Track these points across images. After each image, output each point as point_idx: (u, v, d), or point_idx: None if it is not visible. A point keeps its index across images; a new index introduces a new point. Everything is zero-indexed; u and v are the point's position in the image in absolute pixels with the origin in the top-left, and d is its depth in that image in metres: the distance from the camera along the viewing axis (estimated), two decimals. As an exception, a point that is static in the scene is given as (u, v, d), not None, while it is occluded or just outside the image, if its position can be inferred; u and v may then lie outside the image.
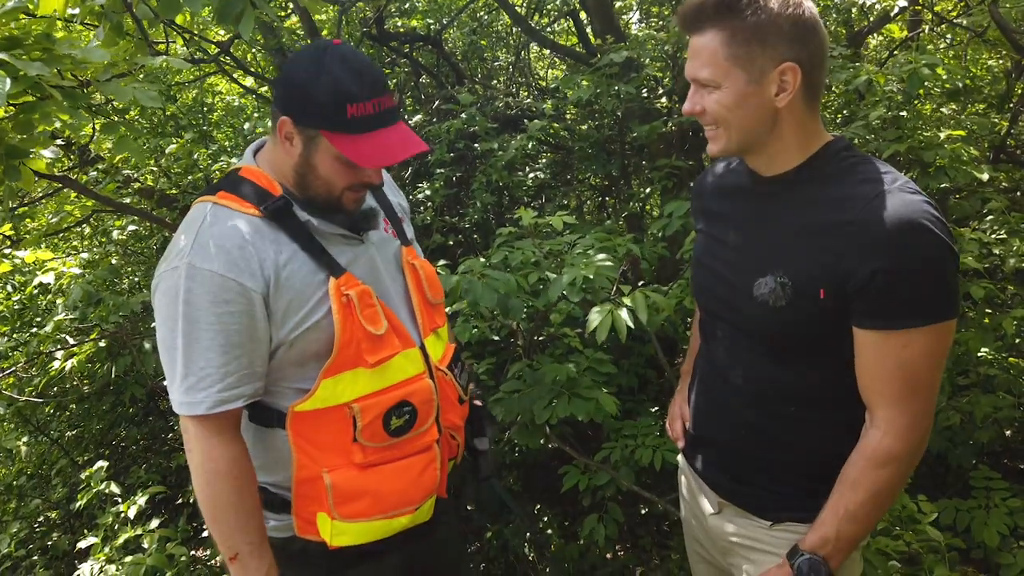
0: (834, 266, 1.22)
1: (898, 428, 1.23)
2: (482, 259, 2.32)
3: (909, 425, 1.23)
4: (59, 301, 3.63)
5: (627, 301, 1.73)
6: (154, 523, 2.75)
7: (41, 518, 3.85)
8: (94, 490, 2.96)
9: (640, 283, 2.96)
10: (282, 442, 1.42)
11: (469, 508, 1.62)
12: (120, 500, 2.92)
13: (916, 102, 3.48)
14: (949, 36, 5.14)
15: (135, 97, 1.67)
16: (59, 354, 3.20)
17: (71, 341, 3.30)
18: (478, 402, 1.81)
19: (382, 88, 1.36)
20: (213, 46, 3.53)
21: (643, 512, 3.30)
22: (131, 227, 3.90)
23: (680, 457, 1.70)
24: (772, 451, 1.41)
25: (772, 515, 1.42)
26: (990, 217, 2.93)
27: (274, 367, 1.40)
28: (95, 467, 3.04)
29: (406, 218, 1.71)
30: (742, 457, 1.46)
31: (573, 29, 5.05)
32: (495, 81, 5.49)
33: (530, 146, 3.62)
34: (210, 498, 1.35)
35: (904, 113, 2.87)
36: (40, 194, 3.49)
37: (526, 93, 5.53)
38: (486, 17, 5.25)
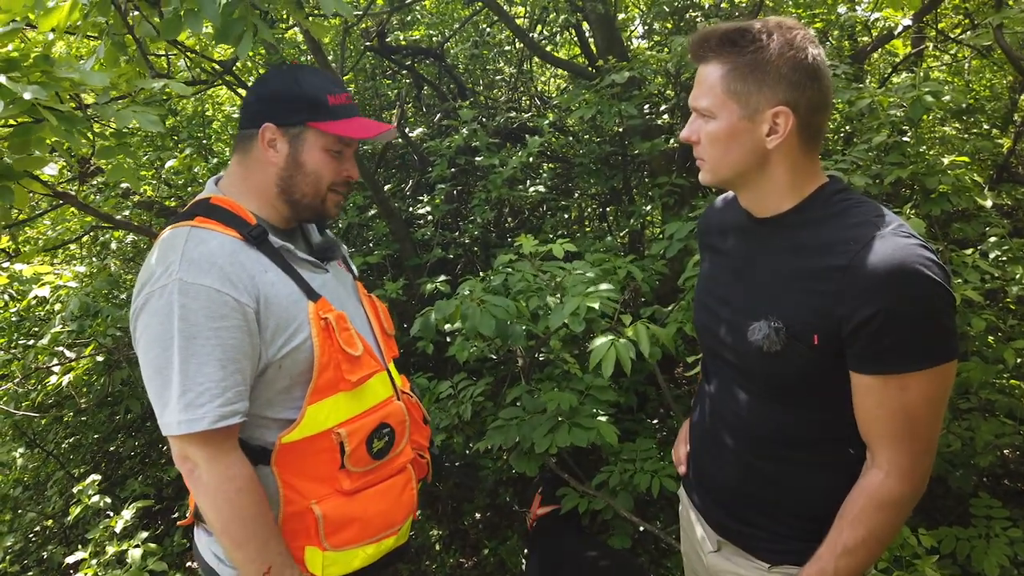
0: (828, 312, 1.20)
1: (900, 469, 1.22)
2: (481, 279, 2.31)
3: (911, 466, 1.22)
4: (56, 308, 3.61)
5: (629, 332, 1.72)
6: (142, 536, 2.73)
7: (37, 529, 3.83)
8: (84, 503, 2.95)
9: (642, 300, 2.95)
10: (266, 479, 1.41)
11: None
12: (112, 513, 2.90)
13: (920, 124, 3.47)
14: (953, 51, 5.13)
15: (136, 121, 1.65)
16: (57, 368, 3.18)
17: (68, 354, 3.28)
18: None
19: (345, 87, 1.51)
20: (214, 64, 3.51)
21: (641, 530, 3.28)
22: (130, 238, 3.88)
23: (681, 490, 1.69)
24: (770, 493, 1.39)
25: (771, 557, 1.40)
26: (993, 239, 2.91)
27: (261, 393, 1.40)
28: (87, 480, 3.02)
29: (349, 259, 1.81)
30: (740, 498, 1.45)
31: (575, 39, 5.02)
32: (497, 91, 5.48)
33: (530, 160, 3.61)
34: (233, 518, 1.32)
35: (907, 138, 2.85)
36: (40, 209, 3.48)
37: (528, 103, 5.51)
38: (488, 29, 5.23)
